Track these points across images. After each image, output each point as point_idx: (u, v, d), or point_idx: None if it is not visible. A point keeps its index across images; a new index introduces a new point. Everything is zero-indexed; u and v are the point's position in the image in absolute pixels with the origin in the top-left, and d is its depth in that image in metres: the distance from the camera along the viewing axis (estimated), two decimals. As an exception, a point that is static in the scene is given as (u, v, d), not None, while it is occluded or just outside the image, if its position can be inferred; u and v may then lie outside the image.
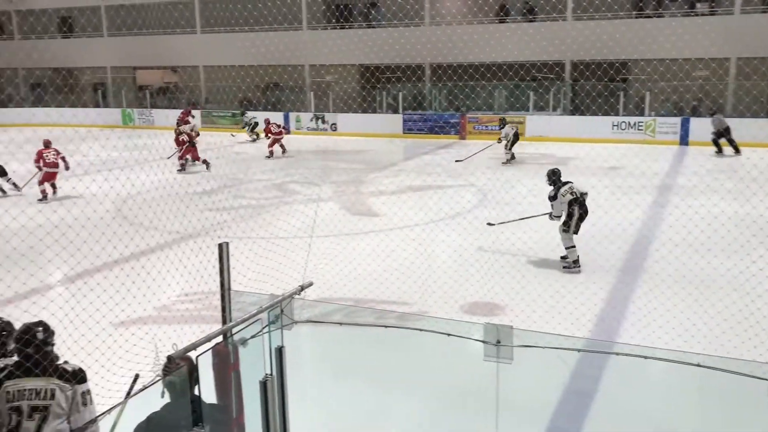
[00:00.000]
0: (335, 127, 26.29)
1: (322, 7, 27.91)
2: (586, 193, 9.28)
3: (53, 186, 14.53)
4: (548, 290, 8.10)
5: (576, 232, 9.02)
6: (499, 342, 2.98)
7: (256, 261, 6.63)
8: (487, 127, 24.16)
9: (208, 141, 22.91)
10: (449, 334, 3.04)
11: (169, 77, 32.24)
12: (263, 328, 3.37)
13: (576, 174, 16.67)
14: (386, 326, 3.46)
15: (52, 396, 3.34)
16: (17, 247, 8.48)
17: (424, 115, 25.38)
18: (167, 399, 3.31)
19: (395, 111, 26.07)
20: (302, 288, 3.60)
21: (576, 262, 8.97)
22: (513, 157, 18.60)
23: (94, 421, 3.31)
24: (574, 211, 9.02)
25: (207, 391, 3.29)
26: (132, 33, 29.93)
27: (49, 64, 31.32)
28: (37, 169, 14.39)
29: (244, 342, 3.40)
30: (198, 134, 18.72)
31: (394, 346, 4.64)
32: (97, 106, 31.10)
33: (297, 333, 3.70)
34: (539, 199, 12.88)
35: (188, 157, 17.76)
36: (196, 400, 3.16)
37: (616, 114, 22.79)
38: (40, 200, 14.04)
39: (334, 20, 27.35)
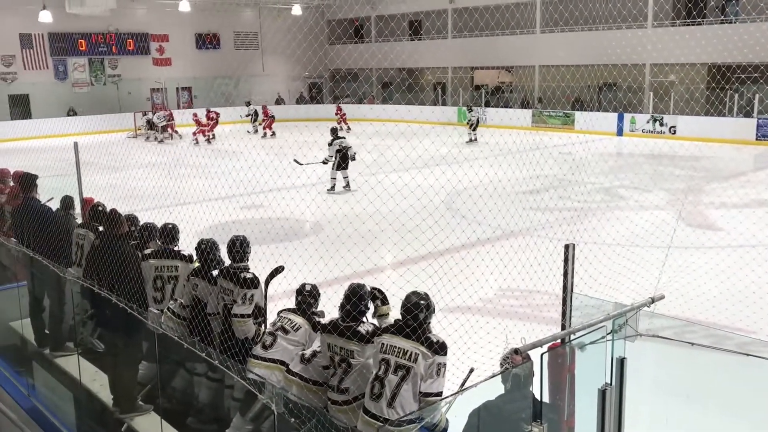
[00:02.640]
0: (674, 130, 24.48)
1: (669, 3, 26.11)
2: (350, 147, 15.67)
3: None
4: None
5: (338, 169, 15.49)
6: None
7: (587, 264, 6.47)
8: None
9: (536, 140, 23.07)
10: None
11: (503, 77, 33.12)
12: (606, 335, 3.29)
13: None
14: (748, 354, 3.11)
15: (416, 360, 3.68)
16: (359, 228, 9.47)
17: (785, 121, 22.30)
18: (501, 389, 3.41)
19: (748, 115, 23.34)
20: (653, 300, 3.42)
21: (332, 188, 15.39)
22: (476, 139, 24.43)
23: (440, 393, 3.58)
24: (337, 156, 15.46)
25: (540, 388, 3.30)
26: (473, 34, 31.36)
27: (398, 64, 34.35)
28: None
29: (582, 347, 3.35)
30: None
31: (740, 375, 4.18)
32: (435, 104, 33.26)
33: (637, 345, 3.53)
34: None
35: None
36: (533, 397, 3.20)
37: None
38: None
39: (683, 16, 25.42)
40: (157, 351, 4.76)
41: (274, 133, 27.76)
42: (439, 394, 3.61)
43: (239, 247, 4.88)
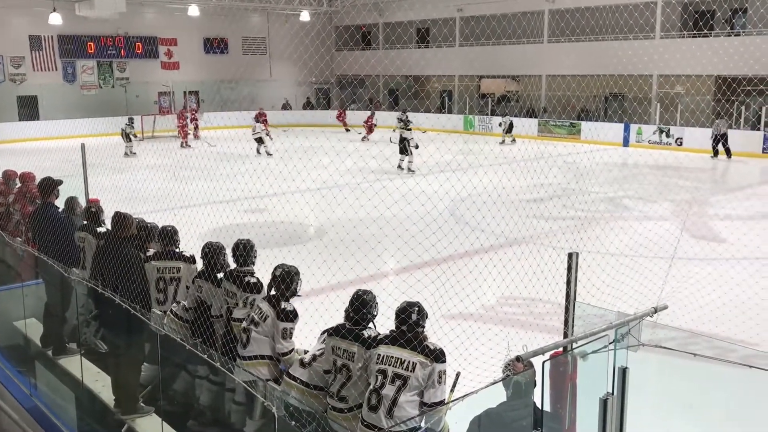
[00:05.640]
0: (681, 142, 24.46)
1: (677, 14, 26.12)
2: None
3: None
4: None
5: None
6: None
7: (590, 273, 6.45)
8: None
9: (541, 149, 23.05)
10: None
11: (510, 86, 33.14)
12: (608, 345, 3.28)
13: None
14: (751, 366, 3.09)
15: (413, 369, 3.68)
16: (362, 233, 9.45)
17: (791, 134, 22.27)
18: (503, 397, 3.40)
19: (754, 127, 23.31)
20: (656, 310, 3.42)
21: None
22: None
23: (443, 402, 3.58)
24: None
25: (541, 397, 3.30)
26: (480, 43, 31.38)
27: (405, 71, 34.36)
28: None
29: (584, 355, 3.35)
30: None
31: (742, 387, 4.16)
32: (441, 111, 33.28)
33: (639, 355, 3.52)
34: None
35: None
36: (534, 405, 3.19)
37: None
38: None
39: (690, 27, 25.42)
40: (159, 353, 4.76)
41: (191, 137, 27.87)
42: (442, 402, 3.61)
43: (242, 251, 4.89)
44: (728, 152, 22.15)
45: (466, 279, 7.40)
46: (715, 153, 22.49)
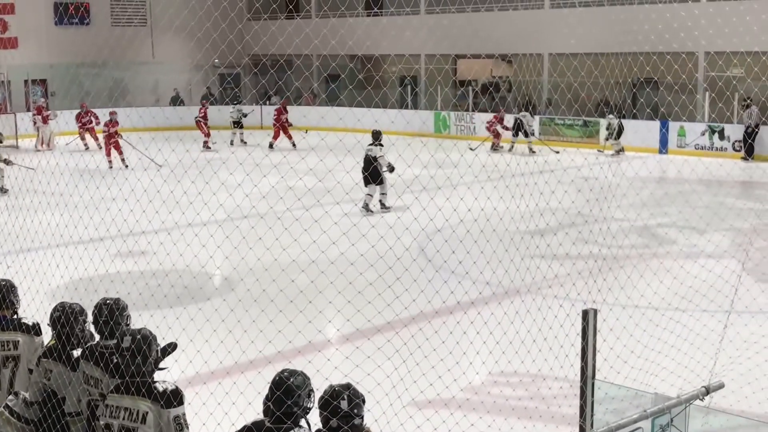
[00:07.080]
0: (740, 146, 25.07)
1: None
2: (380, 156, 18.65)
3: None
4: None
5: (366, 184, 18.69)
6: None
7: (614, 338, 6.54)
8: None
9: (545, 158, 23.35)
10: None
11: (498, 69, 33.53)
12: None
13: None
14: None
15: None
16: (290, 285, 9.39)
17: None
18: None
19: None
20: (708, 390, 3.49)
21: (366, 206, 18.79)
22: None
23: None
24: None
25: None
26: (455, 9, 31.69)
27: (349, 49, 34.53)
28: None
29: (608, 457, 3.38)
30: None
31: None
32: (403, 106, 33.46)
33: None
34: None
35: None
36: None
37: None
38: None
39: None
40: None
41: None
42: None
43: (110, 316, 4.84)
44: (750, 150, 24.64)
45: (443, 348, 7.42)
46: (749, 152, 24.80)
